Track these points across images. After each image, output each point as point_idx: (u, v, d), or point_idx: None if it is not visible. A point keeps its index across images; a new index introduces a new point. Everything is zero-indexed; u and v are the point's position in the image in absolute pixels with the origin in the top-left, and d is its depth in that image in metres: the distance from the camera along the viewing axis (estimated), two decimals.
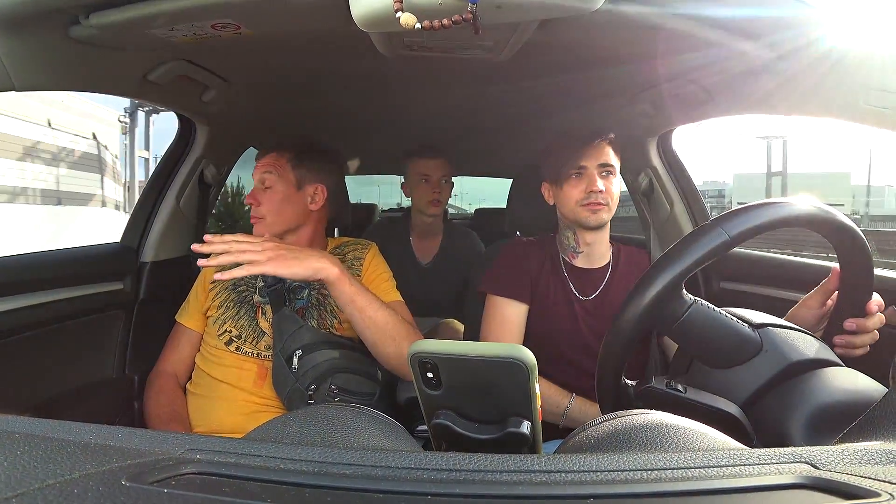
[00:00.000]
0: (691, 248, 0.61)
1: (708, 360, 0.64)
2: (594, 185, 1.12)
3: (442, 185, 1.80)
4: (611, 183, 1.16)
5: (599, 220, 1.15)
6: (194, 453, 0.35)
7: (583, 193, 1.13)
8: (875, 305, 0.72)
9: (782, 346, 0.61)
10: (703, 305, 0.63)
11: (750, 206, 0.63)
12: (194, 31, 0.82)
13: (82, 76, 0.90)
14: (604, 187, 1.13)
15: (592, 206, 1.13)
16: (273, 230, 1.17)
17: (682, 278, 0.61)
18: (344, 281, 0.98)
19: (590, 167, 1.14)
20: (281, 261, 0.92)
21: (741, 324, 0.63)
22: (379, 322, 1.02)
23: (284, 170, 1.19)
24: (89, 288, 1.18)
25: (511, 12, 0.69)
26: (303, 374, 1.06)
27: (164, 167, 1.40)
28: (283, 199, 1.17)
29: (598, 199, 1.12)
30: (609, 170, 1.15)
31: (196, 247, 0.91)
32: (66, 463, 0.31)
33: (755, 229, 0.61)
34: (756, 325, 0.63)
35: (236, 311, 1.17)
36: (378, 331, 1.02)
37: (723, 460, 0.34)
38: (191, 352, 1.21)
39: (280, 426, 0.47)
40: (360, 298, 1.00)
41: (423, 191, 1.79)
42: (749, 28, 0.82)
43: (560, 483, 0.32)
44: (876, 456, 0.34)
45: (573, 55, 1.04)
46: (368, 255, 1.27)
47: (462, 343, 0.43)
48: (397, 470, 0.33)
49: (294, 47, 1.03)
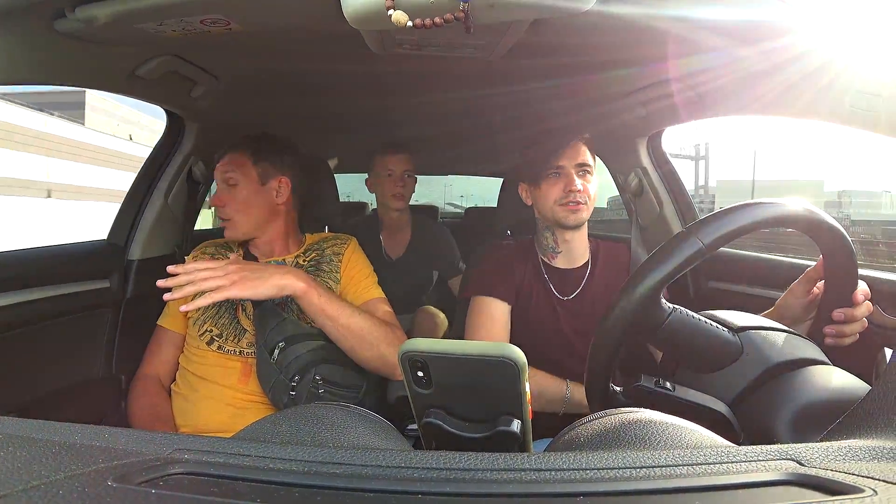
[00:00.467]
0: (667, 258, 0.61)
1: (691, 365, 0.64)
2: (572, 185, 1.13)
3: (405, 179, 1.87)
4: (588, 182, 1.17)
5: (578, 220, 1.16)
6: (182, 453, 0.34)
7: (561, 193, 1.15)
8: (861, 295, 0.73)
9: (762, 348, 0.61)
10: (682, 313, 0.64)
11: (722, 212, 0.63)
12: (183, 26, 0.81)
13: (68, 71, 0.89)
14: (582, 186, 1.14)
15: (571, 206, 1.14)
16: (243, 230, 1.18)
17: (660, 288, 0.61)
18: (311, 294, 0.99)
19: (567, 167, 1.15)
20: (245, 283, 0.93)
21: (721, 329, 0.63)
22: (354, 329, 1.02)
23: (246, 167, 1.19)
24: (75, 286, 1.16)
25: (503, 11, 0.69)
26: (286, 366, 1.06)
27: (152, 164, 1.38)
28: (248, 195, 1.17)
29: (576, 199, 1.13)
30: (586, 169, 1.17)
31: (161, 283, 0.91)
32: (51, 464, 0.30)
33: (730, 235, 0.61)
34: (736, 328, 0.63)
35: (216, 310, 1.16)
36: (353, 337, 1.03)
37: (710, 457, 0.34)
38: (174, 353, 1.20)
39: (269, 425, 0.46)
40: (330, 308, 1.01)
41: (387, 185, 1.86)
42: (737, 31, 0.83)
43: (550, 481, 0.32)
44: (859, 452, 0.34)
45: (564, 55, 1.04)
46: (348, 249, 1.26)
47: (452, 342, 0.43)
48: (387, 469, 0.33)
49: (284, 44, 1.02)
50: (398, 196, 1.86)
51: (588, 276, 1.22)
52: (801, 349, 0.62)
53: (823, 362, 0.60)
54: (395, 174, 1.85)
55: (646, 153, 1.51)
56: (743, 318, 0.66)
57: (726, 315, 0.66)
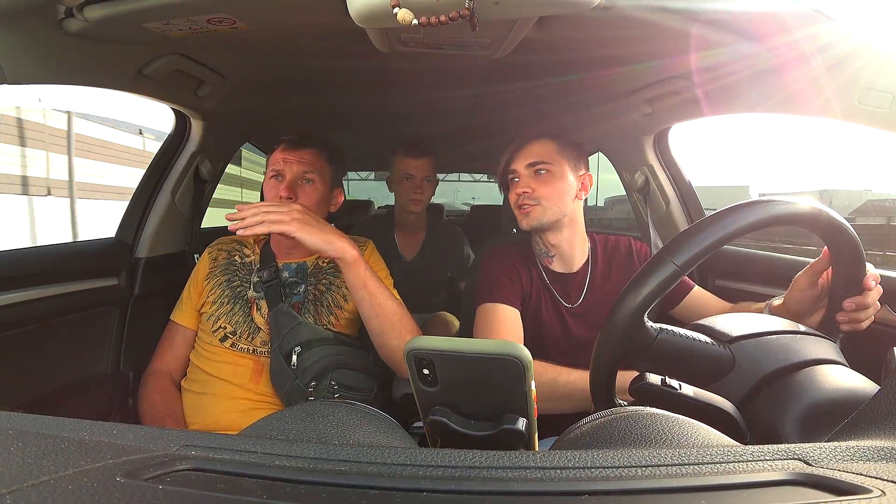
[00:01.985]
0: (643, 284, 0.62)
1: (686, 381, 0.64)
2: (519, 188, 1.11)
3: (424, 184, 1.82)
4: (544, 181, 1.11)
5: (530, 222, 1.11)
6: (189, 450, 0.35)
7: (515, 196, 1.13)
8: (871, 280, 0.71)
9: (755, 358, 0.61)
10: (669, 333, 0.64)
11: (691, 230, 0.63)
12: (190, 25, 0.81)
13: (76, 70, 0.90)
14: (532, 187, 1.10)
15: (522, 210, 1.11)
16: None
17: (642, 313, 0.61)
18: (360, 264, 1.00)
19: (519, 170, 1.12)
20: (303, 225, 0.96)
21: (711, 343, 0.63)
22: (388, 311, 1.02)
23: (325, 170, 1.18)
24: (83, 284, 1.17)
25: (509, 8, 0.69)
26: (302, 372, 1.06)
27: (159, 162, 1.39)
28: (319, 197, 1.16)
29: (524, 201, 1.11)
30: (542, 167, 1.11)
31: (228, 215, 0.95)
32: (60, 459, 0.31)
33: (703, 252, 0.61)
34: (727, 340, 0.63)
35: (231, 307, 1.16)
36: (386, 320, 1.02)
37: (717, 457, 0.34)
38: (185, 350, 1.20)
39: (275, 423, 0.47)
40: (371, 284, 1.02)
41: (406, 189, 1.82)
42: (746, 28, 0.82)
43: (555, 479, 0.32)
44: (867, 453, 0.34)
45: (570, 53, 1.03)
46: (366, 253, 1.26)
47: (458, 340, 0.43)
48: (393, 466, 0.33)
49: (290, 43, 1.02)
50: (416, 201, 1.82)
51: (589, 280, 1.18)
52: (796, 352, 0.61)
53: (821, 361, 0.60)
54: (415, 179, 1.81)
55: (652, 151, 1.50)
56: (735, 326, 0.65)
57: (720, 323, 0.66)
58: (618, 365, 0.65)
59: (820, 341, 0.63)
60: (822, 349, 0.62)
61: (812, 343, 0.63)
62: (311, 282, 1.19)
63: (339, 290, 1.19)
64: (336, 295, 1.18)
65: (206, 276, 1.19)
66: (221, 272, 1.19)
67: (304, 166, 1.15)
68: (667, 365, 0.64)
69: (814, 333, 0.65)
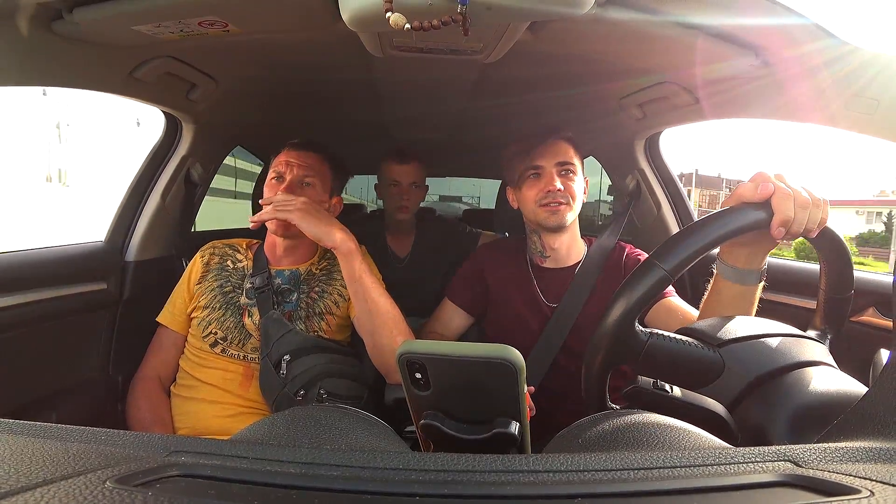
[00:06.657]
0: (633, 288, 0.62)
1: (677, 384, 0.65)
2: (552, 184, 1.09)
3: (412, 190, 1.78)
4: (571, 181, 1.12)
5: (560, 221, 1.11)
6: (179, 455, 0.34)
7: (541, 193, 1.11)
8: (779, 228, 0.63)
9: (744, 361, 0.62)
10: (659, 337, 0.64)
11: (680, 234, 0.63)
12: (181, 28, 0.81)
13: (66, 72, 0.89)
14: (563, 186, 1.09)
15: (552, 207, 1.10)
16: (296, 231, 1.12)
17: (633, 318, 0.62)
18: (357, 256, 1.02)
19: (546, 166, 1.11)
20: (304, 215, 1.01)
21: (701, 347, 0.64)
22: (381, 308, 1.03)
23: (325, 175, 1.18)
24: (72, 288, 1.16)
25: (500, 14, 0.70)
26: (291, 380, 1.05)
27: (150, 165, 1.38)
28: (318, 202, 1.15)
29: (556, 198, 1.09)
30: (568, 168, 1.12)
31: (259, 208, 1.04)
32: (48, 466, 0.30)
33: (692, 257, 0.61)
34: (716, 344, 0.64)
35: (222, 312, 1.15)
36: (379, 317, 1.03)
37: (708, 459, 0.34)
38: (175, 354, 1.19)
39: (266, 427, 0.46)
40: (367, 278, 1.03)
41: (393, 196, 1.78)
42: (736, 35, 0.83)
43: (548, 483, 0.32)
44: (856, 454, 0.34)
45: (561, 58, 1.04)
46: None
47: (450, 343, 0.43)
48: (385, 471, 0.33)
49: (282, 46, 1.02)
50: (403, 208, 1.78)
51: (576, 279, 1.17)
52: (785, 355, 0.61)
53: (810, 364, 0.60)
54: (402, 185, 1.76)
55: (643, 155, 1.51)
56: (724, 330, 0.65)
57: (709, 327, 0.67)
58: (609, 369, 0.66)
59: (809, 343, 0.64)
60: (811, 351, 0.62)
61: (801, 345, 0.63)
62: (303, 290, 1.18)
63: (331, 297, 1.18)
64: (328, 301, 1.18)
65: (199, 280, 1.18)
66: (214, 277, 1.18)
67: (304, 170, 1.15)
68: (658, 369, 0.64)
69: (803, 336, 0.65)
